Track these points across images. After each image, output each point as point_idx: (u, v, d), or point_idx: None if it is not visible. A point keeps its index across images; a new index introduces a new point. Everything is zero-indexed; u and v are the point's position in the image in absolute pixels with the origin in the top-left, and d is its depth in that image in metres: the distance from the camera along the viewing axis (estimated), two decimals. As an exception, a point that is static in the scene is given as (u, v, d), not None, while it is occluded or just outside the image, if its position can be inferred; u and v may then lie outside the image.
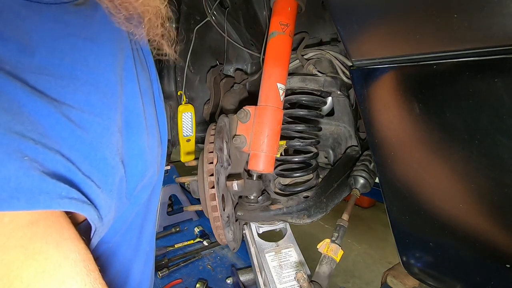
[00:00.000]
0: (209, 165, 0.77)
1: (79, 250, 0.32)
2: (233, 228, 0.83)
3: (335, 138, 1.06)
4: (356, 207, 3.46)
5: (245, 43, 1.30)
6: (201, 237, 2.18)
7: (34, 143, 0.31)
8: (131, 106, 0.46)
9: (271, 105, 0.81)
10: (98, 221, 0.37)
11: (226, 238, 0.81)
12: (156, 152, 0.52)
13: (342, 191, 0.93)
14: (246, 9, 1.15)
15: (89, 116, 0.37)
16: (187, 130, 1.36)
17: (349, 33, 0.53)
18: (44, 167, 0.31)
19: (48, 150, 0.32)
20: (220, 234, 0.81)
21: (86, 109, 0.37)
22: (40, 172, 0.30)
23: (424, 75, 0.47)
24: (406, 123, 0.53)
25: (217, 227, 0.78)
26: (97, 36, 0.41)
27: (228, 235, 0.81)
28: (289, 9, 0.83)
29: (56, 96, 0.35)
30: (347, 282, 2.28)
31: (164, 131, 0.58)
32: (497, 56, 0.38)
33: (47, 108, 0.33)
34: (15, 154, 0.29)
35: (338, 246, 0.76)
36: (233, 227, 0.84)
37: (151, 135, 0.50)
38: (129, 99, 0.45)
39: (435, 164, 0.52)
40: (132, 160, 0.44)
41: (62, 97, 0.35)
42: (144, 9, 0.43)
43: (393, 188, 0.63)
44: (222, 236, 0.81)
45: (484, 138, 0.44)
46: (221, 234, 0.81)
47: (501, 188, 0.45)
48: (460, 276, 0.61)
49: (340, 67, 0.87)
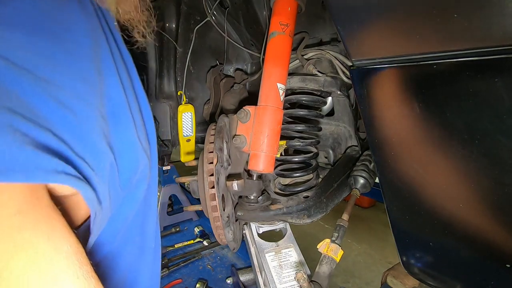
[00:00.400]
0: (209, 165, 0.77)
1: (70, 242, 0.32)
2: (233, 228, 0.83)
3: (335, 138, 1.06)
4: (356, 207, 3.46)
5: (245, 43, 1.30)
6: (201, 237, 2.18)
7: (25, 120, 0.30)
8: (115, 97, 0.45)
9: (271, 105, 0.81)
10: (97, 204, 0.36)
11: (226, 238, 0.81)
12: (146, 146, 0.52)
13: (342, 191, 0.93)
14: (246, 9, 1.15)
15: (75, 99, 0.36)
16: (187, 130, 1.36)
17: (349, 33, 0.53)
18: (37, 143, 0.30)
19: (40, 128, 0.31)
20: (220, 234, 0.81)
21: (72, 92, 0.36)
22: (34, 147, 0.29)
23: (424, 75, 0.47)
24: (406, 123, 0.53)
25: (217, 227, 0.78)
26: (72, 24, 0.40)
27: (228, 235, 0.81)
28: (289, 9, 0.83)
29: (45, 75, 0.34)
30: (347, 282, 2.28)
31: (152, 128, 0.56)
32: (497, 56, 0.38)
33: (35, 87, 0.32)
34: (7, 128, 0.28)
35: (338, 246, 0.76)
36: (233, 227, 0.84)
37: (138, 128, 0.49)
38: (111, 90, 0.44)
39: (435, 164, 0.52)
40: (122, 150, 0.44)
41: (51, 77, 0.34)
42: None
43: (393, 188, 0.63)
44: (222, 236, 0.81)
45: (484, 138, 0.44)
46: (221, 234, 0.81)
47: (501, 187, 0.45)
48: (460, 276, 0.61)
49: (340, 67, 0.87)
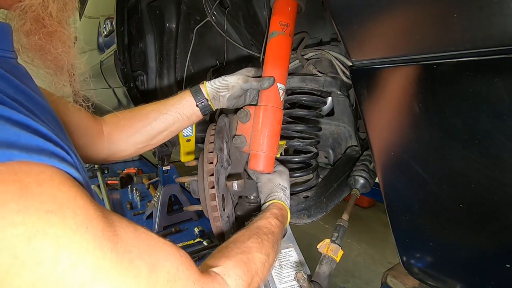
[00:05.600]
0: (209, 165, 0.77)
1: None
2: (233, 228, 0.83)
3: (335, 138, 1.06)
4: (356, 207, 3.46)
5: (245, 43, 1.30)
6: (201, 237, 2.18)
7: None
8: None
9: (271, 105, 0.81)
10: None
11: (226, 238, 0.81)
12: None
13: (342, 191, 0.93)
14: (246, 9, 1.15)
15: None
16: (187, 130, 1.36)
17: (349, 33, 0.53)
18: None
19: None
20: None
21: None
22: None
23: (424, 75, 0.47)
24: (406, 123, 0.53)
25: (217, 227, 0.78)
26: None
27: (228, 235, 0.81)
28: (289, 9, 0.83)
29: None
30: (347, 282, 2.28)
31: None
32: (497, 56, 0.38)
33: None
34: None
35: (338, 246, 0.76)
36: (233, 227, 0.83)
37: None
38: None
39: (435, 164, 0.52)
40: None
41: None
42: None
43: (393, 188, 0.63)
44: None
45: (484, 138, 0.44)
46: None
47: (501, 188, 0.45)
48: (460, 276, 0.61)
49: (340, 67, 0.87)
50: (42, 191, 0.31)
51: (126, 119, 0.81)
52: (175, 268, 0.41)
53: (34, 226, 0.29)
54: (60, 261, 0.30)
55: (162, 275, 0.39)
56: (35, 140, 0.34)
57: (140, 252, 0.38)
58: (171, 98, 0.82)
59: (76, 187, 0.35)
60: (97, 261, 0.33)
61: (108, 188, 3.06)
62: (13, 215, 0.28)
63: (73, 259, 0.31)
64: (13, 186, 0.29)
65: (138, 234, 0.40)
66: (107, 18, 1.60)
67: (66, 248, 0.31)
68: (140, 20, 1.41)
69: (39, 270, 0.29)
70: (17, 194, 0.29)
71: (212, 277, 0.48)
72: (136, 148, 0.83)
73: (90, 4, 2.09)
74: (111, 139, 0.79)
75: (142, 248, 0.39)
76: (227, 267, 0.51)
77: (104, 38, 1.70)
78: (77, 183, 0.37)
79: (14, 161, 0.30)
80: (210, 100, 0.80)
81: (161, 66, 1.47)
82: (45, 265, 0.29)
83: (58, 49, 0.53)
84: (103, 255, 0.33)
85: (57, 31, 0.52)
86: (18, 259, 0.28)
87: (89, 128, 0.74)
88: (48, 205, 0.31)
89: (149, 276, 0.38)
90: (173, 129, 0.83)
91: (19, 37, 0.49)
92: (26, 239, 0.29)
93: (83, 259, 0.32)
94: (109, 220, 0.37)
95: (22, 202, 0.29)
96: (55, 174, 0.34)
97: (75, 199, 0.34)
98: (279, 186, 0.80)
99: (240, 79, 0.79)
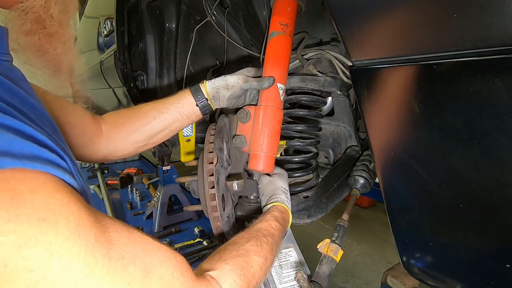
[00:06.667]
0: (209, 165, 0.77)
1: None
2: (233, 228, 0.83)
3: (335, 138, 1.06)
4: (356, 207, 3.46)
5: (245, 43, 1.30)
6: (201, 237, 2.18)
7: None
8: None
9: (271, 105, 0.81)
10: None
11: (226, 238, 0.81)
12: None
13: (342, 191, 0.93)
14: (246, 9, 1.15)
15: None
16: (187, 130, 1.36)
17: (349, 33, 0.53)
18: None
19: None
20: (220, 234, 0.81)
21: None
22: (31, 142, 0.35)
23: (424, 75, 0.47)
24: (406, 123, 0.53)
25: (217, 227, 0.78)
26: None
27: (228, 236, 0.81)
28: (289, 9, 0.83)
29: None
30: (347, 282, 2.28)
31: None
32: (497, 56, 0.38)
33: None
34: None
35: (338, 246, 0.76)
36: (233, 227, 0.83)
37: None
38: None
39: (435, 164, 0.52)
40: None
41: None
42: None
43: (393, 188, 0.63)
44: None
45: (484, 138, 0.44)
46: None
47: (501, 188, 0.45)
48: (460, 276, 0.61)
49: (340, 67, 0.87)
50: (34, 198, 0.31)
51: (125, 118, 0.81)
52: (170, 274, 0.41)
53: (26, 234, 0.29)
54: (51, 268, 0.30)
55: (156, 281, 0.39)
56: (29, 146, 0.34)
57: (134, 258, 0.38)
58: (170, 97, 0.82)
59: (70, 193, 0.35)
60: (89, 267, 0.33)
61: (108, 188, 3.06)
62: (3, 224, 0.29)
63: (64, 266, 0.31)
64: (5, 194, 0.29)
65: (132, 238, 0.40)
66: (107, 18, 1.60)
67: (58, 255, 0.31)
68: (140, 20, 1.41)
69: (30, 278, 0.29)
70: (8, 202, 0.29)
71: (208, 282, 0.47)
72: (135, 147, 0.83)
73: (90, 4, 2.09)
74: (110, 137, 0.79)
75: (137, 253, 0.39)
76: (223, 271, 0.51)
77: (104, 38, 1.70)
78: (71, 189, 0.37)
79: (6, 168, 0.30)
80: (210, 99, 0.80)
81: (161, 66, 1.47)
82: (36, 273, 0.30)
83: (58, 50, 0.53)
84: (95, 261, 0.33)
85: (57, 32, 0.52)
86: (7, 267, 0.28)
87: (87, 127, 0.73)
88: (40, 212, 0.31)
89: (143, 282, 0.37)
90: (173, 128, 0.82)
91: (18, 37, 0.49)
92: (16, 247, 0.29)
93: (74, 266, 0.32)
94: (103, 226, 0.37)
95: (13, 211, 0.29)
96: (49, 181, 0.34)
97: (68, 206, 0.34)
98: (281, 188, 0.80)
99: (240, 79, 0.79)
